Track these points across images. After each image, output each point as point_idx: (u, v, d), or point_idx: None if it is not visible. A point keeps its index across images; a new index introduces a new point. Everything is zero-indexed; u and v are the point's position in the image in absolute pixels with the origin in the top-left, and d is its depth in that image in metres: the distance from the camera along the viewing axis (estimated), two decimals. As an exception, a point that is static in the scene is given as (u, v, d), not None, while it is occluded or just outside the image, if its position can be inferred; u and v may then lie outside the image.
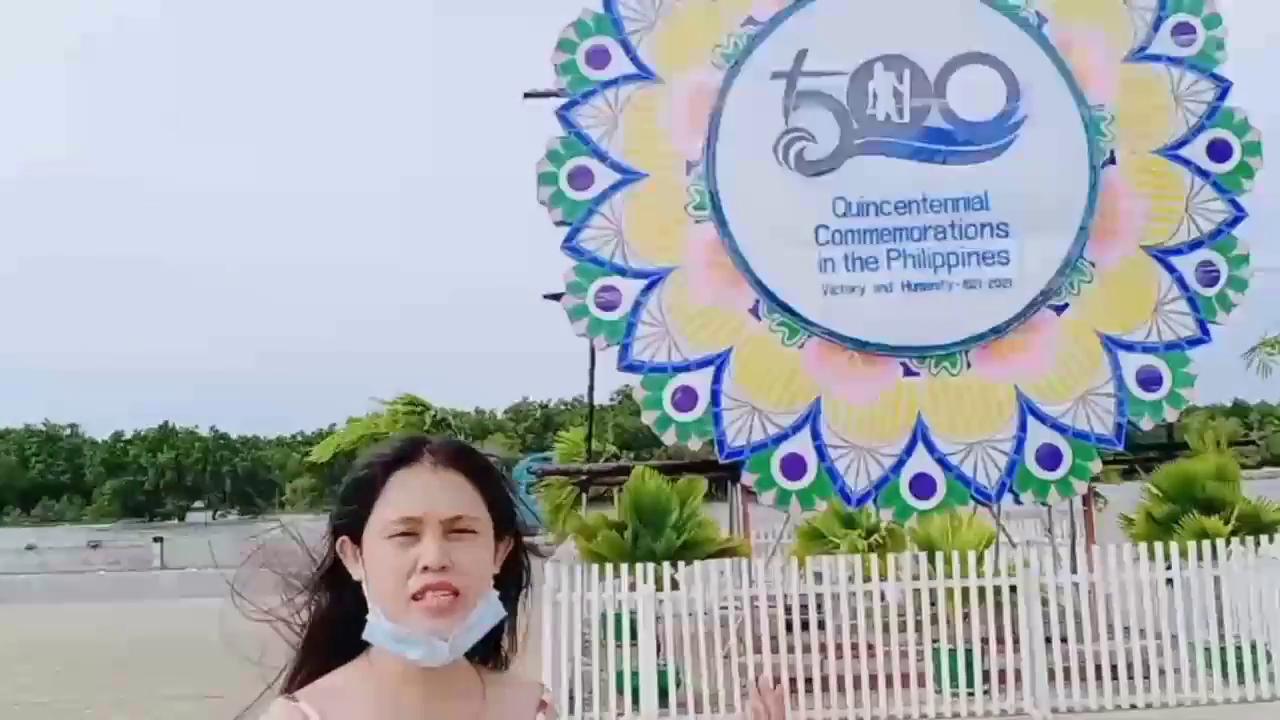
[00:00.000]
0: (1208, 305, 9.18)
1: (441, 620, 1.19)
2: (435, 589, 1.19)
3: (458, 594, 1.20)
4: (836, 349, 8.75)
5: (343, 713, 1.23)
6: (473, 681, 1.28)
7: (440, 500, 1.22)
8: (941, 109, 9.05)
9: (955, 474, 8.63)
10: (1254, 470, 27.01)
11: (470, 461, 1.27)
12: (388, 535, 1.22)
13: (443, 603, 1.19)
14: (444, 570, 1.19)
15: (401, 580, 1.20)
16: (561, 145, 8.87)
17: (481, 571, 1.24)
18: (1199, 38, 9.48)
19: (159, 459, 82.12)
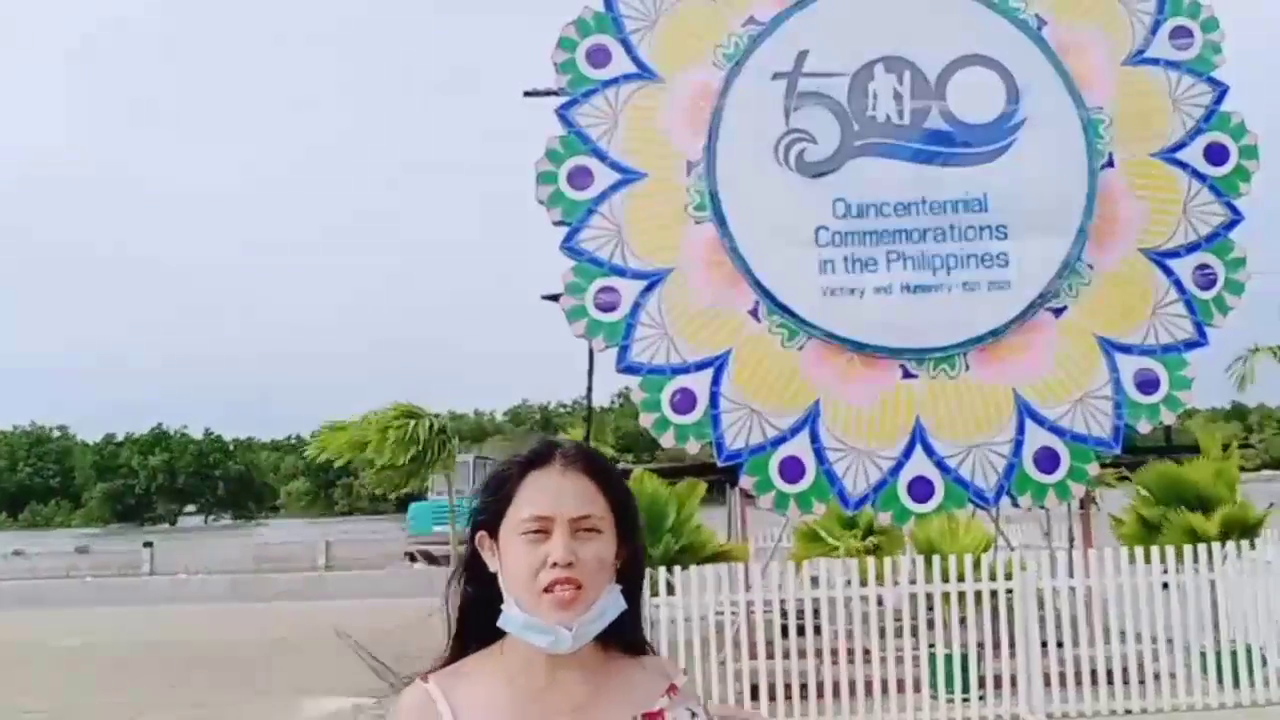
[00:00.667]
0: (1204, 308, 9.18)
1: (567, 612, 1.31)
2: (562, 584, 1.31)
3: (581, 588, 1.32)
4: (836, 351, 8.71)
5: (468, 693, 1.36)
6: (599, 664, 1.39)
7: (569, 501, 1.35)
8: (941, 111, 9.02)
9: (953, 477, 8.60)
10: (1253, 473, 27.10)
11: (597, 465, 1.40)
12: (521, 532, 1.34)
13: (568, 596, 1.31)
14: (570, 566, 1.31)
15: (533, 574, 1.32)
16: (561, 144, 8.81)
17: (604, 567, 1.36)
18: (1196, 41, 9.48)
19: (150, 462, 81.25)
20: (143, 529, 64.70)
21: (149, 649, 12.87)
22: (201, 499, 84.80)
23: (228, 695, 9.85)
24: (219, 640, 13.49)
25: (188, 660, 11.97)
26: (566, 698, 1.35)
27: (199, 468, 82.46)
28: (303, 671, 10.96)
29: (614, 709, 1.37)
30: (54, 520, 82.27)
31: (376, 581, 20.14)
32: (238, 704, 9.50)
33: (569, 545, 1.32)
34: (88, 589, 21.23)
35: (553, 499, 1.34)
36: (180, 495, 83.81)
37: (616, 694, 1.38)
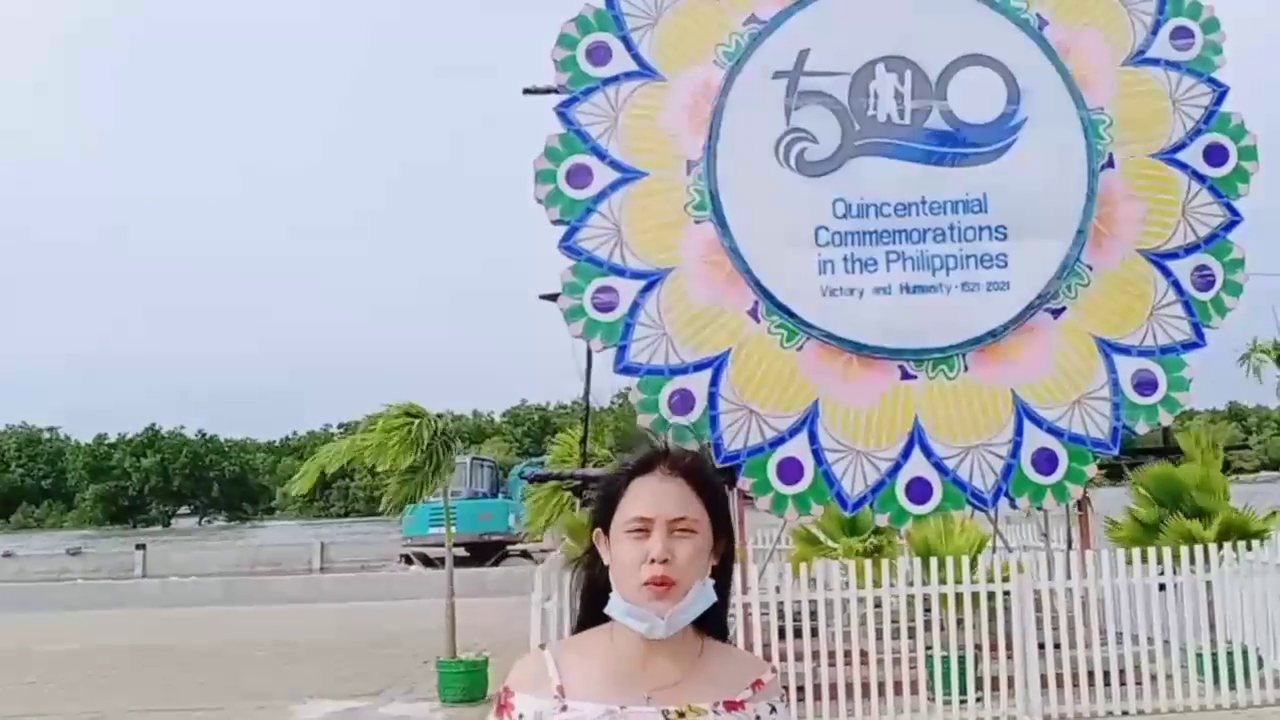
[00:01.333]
0: (1203, 309, 9.18)
1: (662, 603, 1.49)
2: (658, 580, 1.48)
3: (675, 583, 1.49)
4: (835, 351, 8.69)
5: (575, 661, 1.56)
6: (692, 651, 1.55)
7: (667, 504, 1.52)
8: (942, 111, 9.01)
9: (952, 478, 8.59)
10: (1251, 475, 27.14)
11: (695, 473, 1.56)
12: (626, 530, 1.53)
13: (662, 589, 1.49)
14: (666, 563, 1.49)
15: (635, 567, 1.50)
16: (560, 142, 8.77)
17: (697, 564, 1.52)
18: (1197, 42, 9.48)
19: (143, 463, 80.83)
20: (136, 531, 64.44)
21: (139, 653, 12.76)
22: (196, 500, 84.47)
23: (220, 699, 9.78)
24: (211, 643, 13.39)
25: (179, 664, 11.88)
26: (658, 677, 1.52)
27: (193, 469, 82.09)
28: (296, 674, 10.89)
29: (700, 692, 1.52)
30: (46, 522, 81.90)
31: (372, 584, 20.07)
32: (230, 708, 9.43)
33: (666, 543, 1.50)
34: (79, 592, 21.08)
35: (653, 502, 1.52)
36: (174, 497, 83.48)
37: (704, 680, 1.53)
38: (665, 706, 1.50)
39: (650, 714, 1.50)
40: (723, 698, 1.53)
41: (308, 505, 76.79)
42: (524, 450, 60.06)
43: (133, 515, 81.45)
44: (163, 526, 77.94)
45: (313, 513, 77.89)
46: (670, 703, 1.50)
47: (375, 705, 9.35)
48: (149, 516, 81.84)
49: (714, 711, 1.52)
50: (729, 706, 1.52)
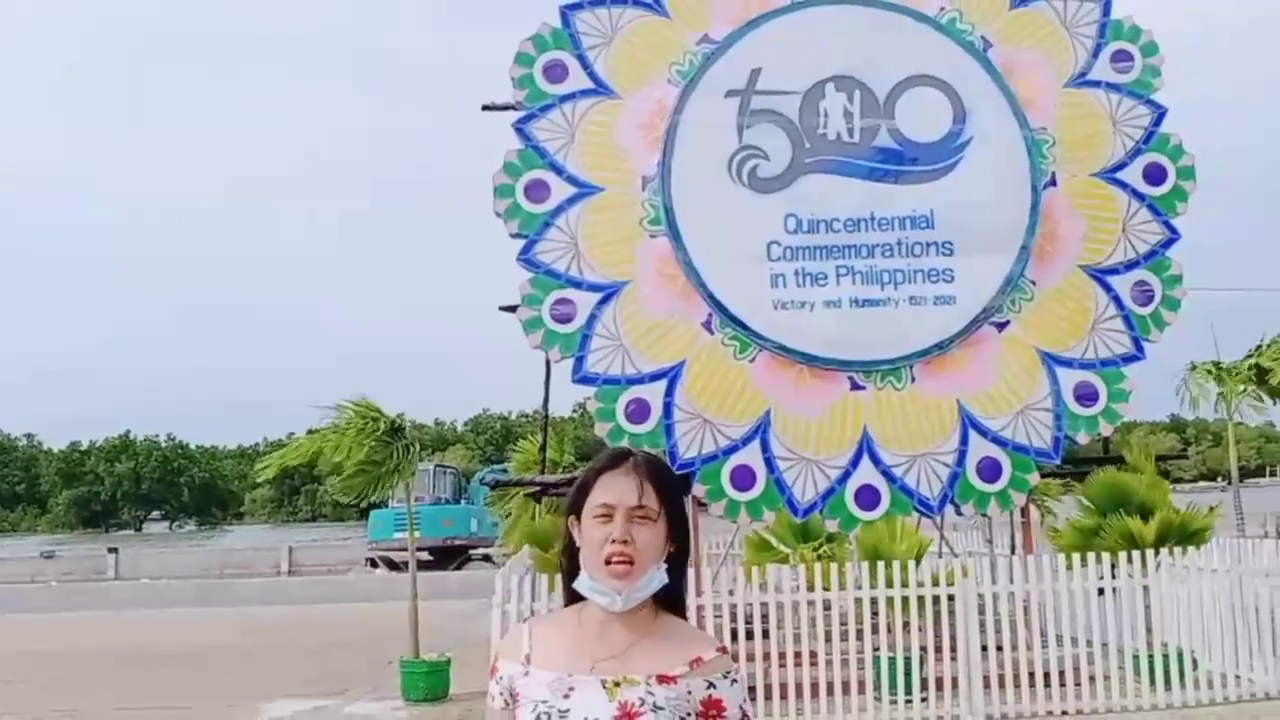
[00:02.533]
0: (1142, 323, 9.50)
1: (620, 581, 1.67)
2: (619, 557, 1.67)
3: (634, 563, 1.67)
4: (786, 363, 8.94)
5: (545, 632, 1.78)
6: (646, 625, 1.73)
7: (629, 494, 1.71)
8: (890, 129, 9.29)
9: (899, 485, 8.85)
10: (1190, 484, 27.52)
11: (656, 470, 1.76)
12: (593, 516, 1.72)
13: (622, 569, 1.67)
14: (625, 543, 1.67)
15: (599, 547, 1.69)
16: (518, 158, 8.98)
17: (653, 548, 1.71)
18: (1137, 65, 9.82)
19: (116, 469, 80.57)
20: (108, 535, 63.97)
21: (112, 654, 12.83)
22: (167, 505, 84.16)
23: (190, 698, 9.88)
24: (182, 644, 13.48)
25: (151, 664, 11.97)
26: (606, 649, 1.70)
27: (164, 475, 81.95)
28: (264, 674, 11.01)
29: (638, 665, 1.68)
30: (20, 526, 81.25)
31: (339, 587, 20.17)
32: (200, 707, 9.54)
33: (625, 527, 1.69)
34: (53, 594, 21.06)
35: (617, 492, 1.71)
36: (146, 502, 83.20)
37: (646, 654, 1.70)
38: (604, 676, 1.66)
39: (591, 682, 1.66)
40: (658, 671, 1.67)
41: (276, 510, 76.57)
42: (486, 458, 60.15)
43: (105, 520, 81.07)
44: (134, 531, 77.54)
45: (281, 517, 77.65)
46: (610, 673, 1.67)
47: (341, 704, 9.48)
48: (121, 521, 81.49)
49: (646, 683, 1.66)
50: (661, 679, 1.67)
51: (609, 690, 1.65)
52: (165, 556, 31.42)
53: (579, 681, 1.67)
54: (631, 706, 1.64)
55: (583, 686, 1.66)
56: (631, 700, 1.64)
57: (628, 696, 1.65)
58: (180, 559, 29.72)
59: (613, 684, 1.66)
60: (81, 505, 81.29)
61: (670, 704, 1.65)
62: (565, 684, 1.67)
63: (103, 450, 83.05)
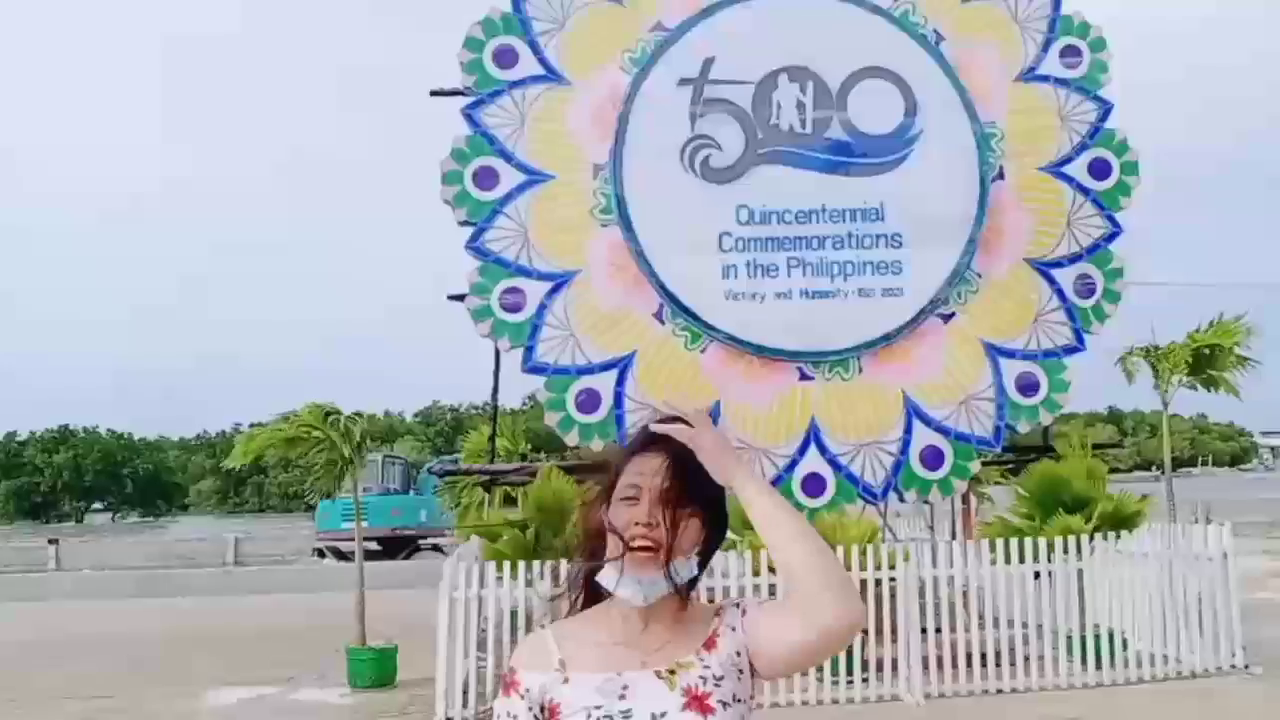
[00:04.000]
0: (1084, 316, 9.70)
1: (643, 569, 1.56)
2: (642, 540, 1.56)
3: (657, 551, 1.56)
4: (736, 354, 8.99)
5: (573, 637, 1.64)
6: (677, 615, 1.64)
7: (658, 477, 1.60)
8: (842, 121, 9.34)
9: (845, 473, 8.97)
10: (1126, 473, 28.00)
11: (685, 453, 1.62)
12: (621, 498, 1.61)
13: (645, 556, 1.56)
14: (651, 526, 1.56)
15: (625, 529, 1.58)
16: (467, 144, 8.87)
17: (685, 536, 1.60)
18: (1085, 60, 9.97)
19: (55, 460, 78.81)
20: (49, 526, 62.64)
21: (53, 644, 12.61)
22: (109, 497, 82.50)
23: (133, 687, 9.75)
24: (125, 634, 13.27)
25: (93, 654, 11.79)
26: (650, 642, 1.60)
27: (106, 466, 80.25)
28: (209, 663, 10.89)
29: (684, 646, 1.61)
30: (-42, 518, 79.01)
31: (285, 577, 19.97)
32: (142, 695, 9.41)
33: (653, 510, 1.57)
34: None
35: (645, 474, 1.61)
36: (87, 493, 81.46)
37: (685, 635, 1.62)
38: (657, 668, 1.59)
39: (645, 676, 1.58)
40: (699, 644, 1.61)
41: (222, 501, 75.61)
42: (436, 449, 59.86)
43: (45, 511, 79.32)
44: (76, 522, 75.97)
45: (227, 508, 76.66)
46: (661, 663, 1.59)
47: (286, 692, 9.41)
48: (62, 513, 79.72)
49: (698, 658, 1.60)
50: (707, 647, 1.61)
51: (667, 680, 1.58)
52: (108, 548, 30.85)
53: (632, 679, 1.58)
54: (696, 689, 1.57)
55: (637, 683, 1.58)
56: (693, 683, 1.58)
57: (688, 681, 1.58)
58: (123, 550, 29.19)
59: (668, 672, 1.59)
60: (21, 496, 79.40)
61: (726, 667, 1.60)
62: (617, 684, 1.58)
63: (41, 441, 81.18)
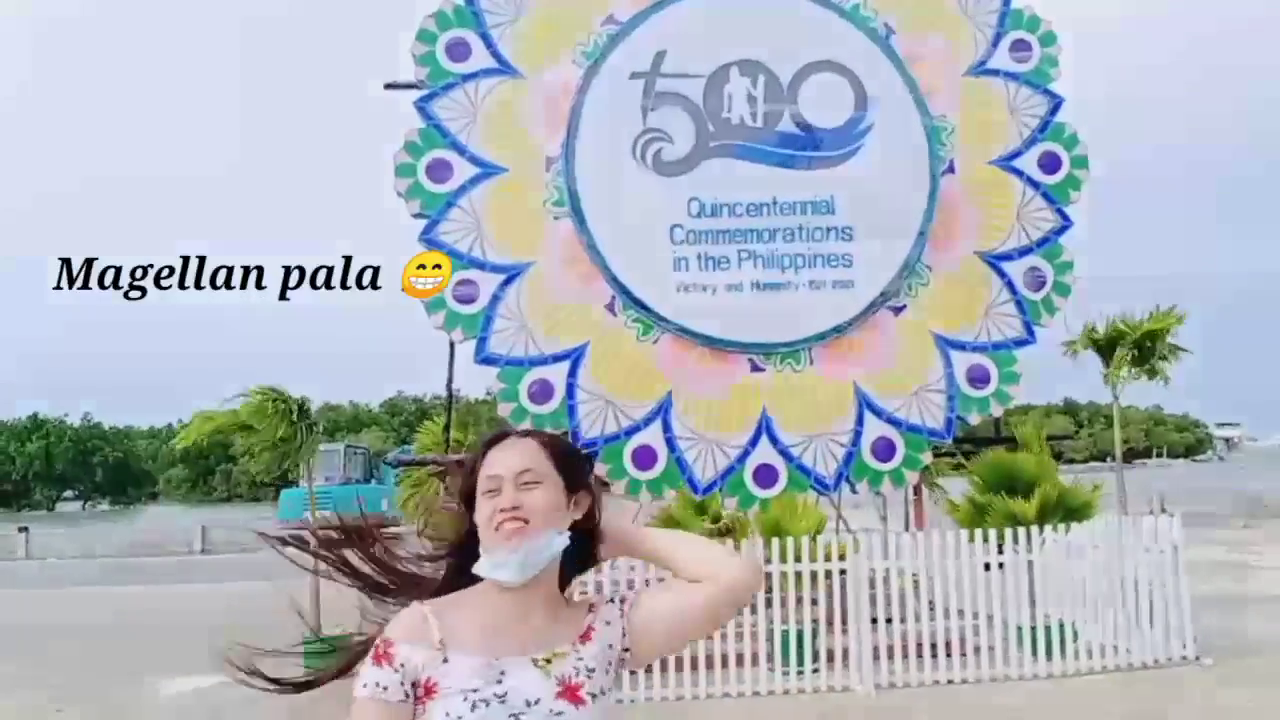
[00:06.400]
0: (1034, 308, 9.82)
1: (511, 541, 1.60)
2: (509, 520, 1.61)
3: (526, 523, 1.61)
4: (688, 345, 9.06)
5: (452, 616, 1.65)
6: (559, 607, 1.70)
7: (513, 461, 1.66)
8: (793, 115, 9.42)
9: (796, 464, 9.06)
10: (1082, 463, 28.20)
11: (543, 436, 1.73)
12: (483, 492, 1.66)
13: (513, 528, 1.61)
14: (515, 508, 1.62)
15: (490, 520, 1.63)
16: (420, 137, 8.89)
17: (547, 512, 1.64)
18: (1035, 55, 10.08)
19: (27, 448, 78.24)
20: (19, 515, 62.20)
21: (13, 631, 12.61)
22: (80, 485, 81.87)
23: (90, 676, 9.75)
24: (86, 622, 13.28)
25: (53, 642, 11.78)
26: (528, 630, 1.64)
27: (77, 454, 79.65)
28: (168, 652, 10.87)
29: (562, 636, 1.66)
30: (-70, 508, 78.03)
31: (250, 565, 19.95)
32: (99, 684, 9.41)
33: (515, 496, 1.63)
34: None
35: (503, 463, 1.66)
36: (58, 481, 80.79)
37: (564, 624, 1.67)
38: (534, 655, 1.62)
39: (523, 663, 1.61)
40: (576, 635, 1.66)
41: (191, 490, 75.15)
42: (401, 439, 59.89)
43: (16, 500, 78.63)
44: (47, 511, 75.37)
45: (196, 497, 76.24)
46: (538, 651, 1.62)
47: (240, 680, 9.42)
48: (33, 501, 79.04)
49: (573, 648, 1.64)
50: (582, 639, 1.66)
51: (542, 668, 1.61)
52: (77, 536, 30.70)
53: (510, 664, 1.61)
54: (570, 679, 1.62)
55: (514, 669, 1.61)
56: (567, 673, 1.62)
57: (562, 670, 1.62)
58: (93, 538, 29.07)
59: (544, 661, 1.62)
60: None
61: (599, 660, 1.65)
62: (496, 668, 1.60)
63: (13, 430, 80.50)
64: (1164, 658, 8.93)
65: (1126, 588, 9.08)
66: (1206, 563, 14.73)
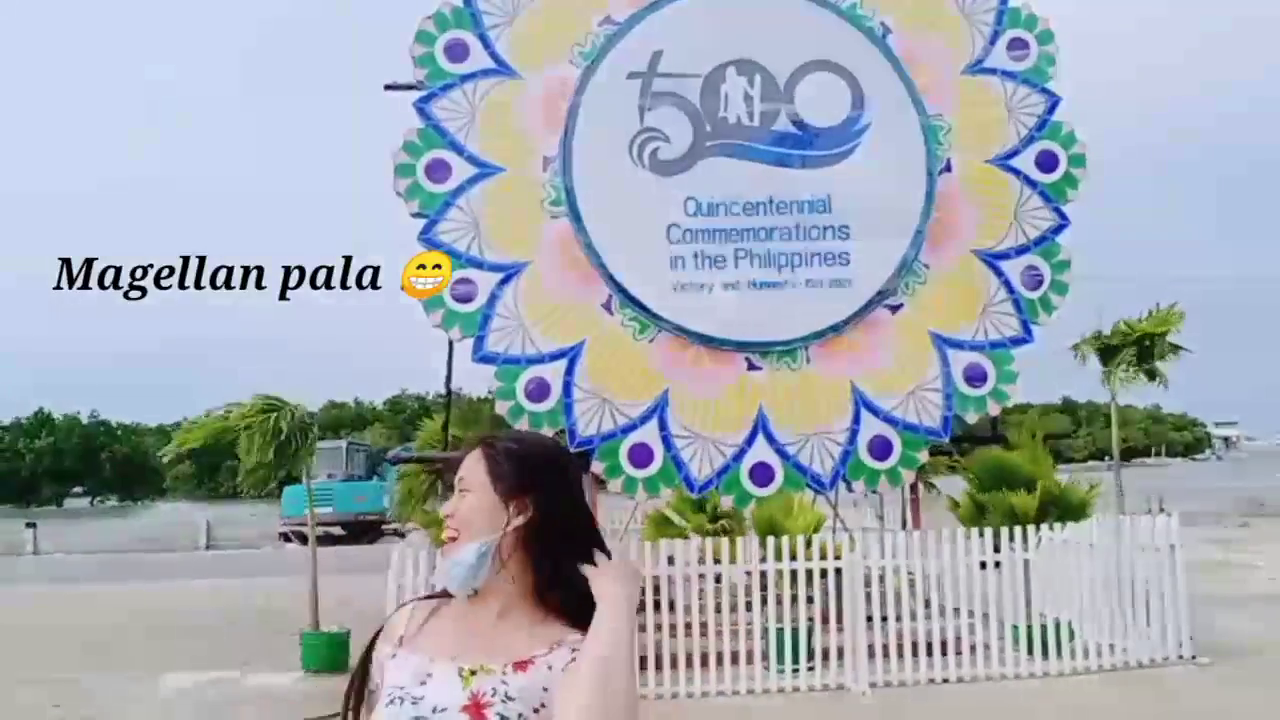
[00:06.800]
0: (1031, 307, 9.82)
1: (445, 557, 1.67)
2: (449, 532, 1.67)
3: (455, 537, 1.65)
4: (685, 344, 9.09)
5: (422, 617, 1.71)
6: (515, 618, 1.66)
7: (459, 469, 1.72)
8: (790, 114, 9.43)
9: (792, 463, 9.09)
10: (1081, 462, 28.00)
11: (487, 445, 1.73)
12: None
13: (446, 537, 1.67)
14: (449, 516, 1.68)
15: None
16: (419, 137, 8.94)
17: (473, 519, 1.66)
18: (1032, 53, 10.07)
19: (36, 445, 78.82)
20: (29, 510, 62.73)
21: (14, 627, 12.73)
22: (88, 481, 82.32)
23: (90, 670, 9.85)
24: (88, 618, 13.40)
25: (54, 637, 11.89)
26: (477, 634, 1.64)
27: (85, 451, 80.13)
28: (168, 647, 11.00)
29: (496, 652, 1.61)
30: (-61, 504, 78.53)
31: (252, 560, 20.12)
32: (99, 679, 9.50)
33: (452, 503, 1.70)
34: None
35: (458, 474, 1.72)
36: (66, 478, 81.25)
37: (505, 640, 1.62)
38: (463, 664, 1.60)
39: (449, 670, 1.60)
40: (515, 659, 1.60)
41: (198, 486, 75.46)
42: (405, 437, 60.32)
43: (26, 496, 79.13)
44: (56, 506, 75.89)
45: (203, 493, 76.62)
46: (470, 661, 1.60)
47: (241, 676, 9.52)
48: (42, 497, 79.55)
49: (501, 671, 1.59)
50: (517, 666, 1.60)
51: (464, 678, 1.60)
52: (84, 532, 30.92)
53: (438, 669, 1.61)
54: (482, 696, 1.58)
55: (439, 674, 1.61)
56: (484, 690, 1.58)
57: (480, 685, 1.59)
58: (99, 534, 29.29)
59: (469, 672, 1.60)
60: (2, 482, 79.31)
61: (523, 694, 1.58)
62: (425, 670, 1.61)
63: (21, 427, 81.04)
64: (1160, 657, 8.96)
65: (1123, 587, 9.10)
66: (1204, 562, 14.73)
